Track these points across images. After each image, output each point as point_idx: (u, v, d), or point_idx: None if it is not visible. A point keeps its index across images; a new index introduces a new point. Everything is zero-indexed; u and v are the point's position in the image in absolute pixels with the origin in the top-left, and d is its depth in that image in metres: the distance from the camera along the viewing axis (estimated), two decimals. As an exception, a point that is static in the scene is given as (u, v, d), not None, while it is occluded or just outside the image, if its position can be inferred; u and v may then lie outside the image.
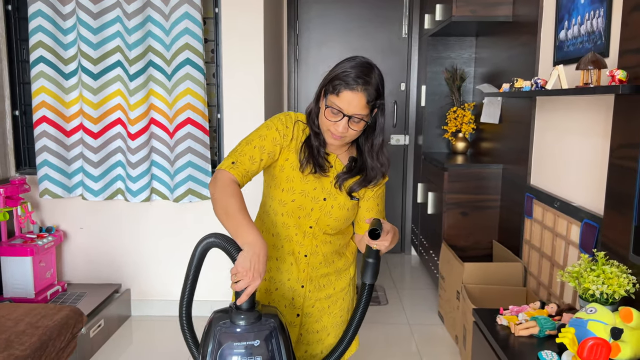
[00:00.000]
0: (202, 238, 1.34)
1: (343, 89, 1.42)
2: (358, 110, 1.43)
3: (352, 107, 1.42)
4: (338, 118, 1.43)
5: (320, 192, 1.55)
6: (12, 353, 1.92)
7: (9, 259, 2.85)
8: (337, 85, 1.43)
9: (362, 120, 1.45)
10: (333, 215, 1.56)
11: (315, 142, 1.53)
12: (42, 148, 3.04)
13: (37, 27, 2.93)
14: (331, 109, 1.44)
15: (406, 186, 4.66)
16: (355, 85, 1.41)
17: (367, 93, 1.42)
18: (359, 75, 1.42)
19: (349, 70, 1.44)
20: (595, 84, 1.90)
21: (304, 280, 1.62)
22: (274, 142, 1.51)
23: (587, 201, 2.16)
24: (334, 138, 1.48)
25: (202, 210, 3.19)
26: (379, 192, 1.62)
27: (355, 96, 1.41)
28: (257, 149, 1.49)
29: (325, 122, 1.47)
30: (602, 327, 1.51)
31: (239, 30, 3.07)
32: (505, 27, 3.18)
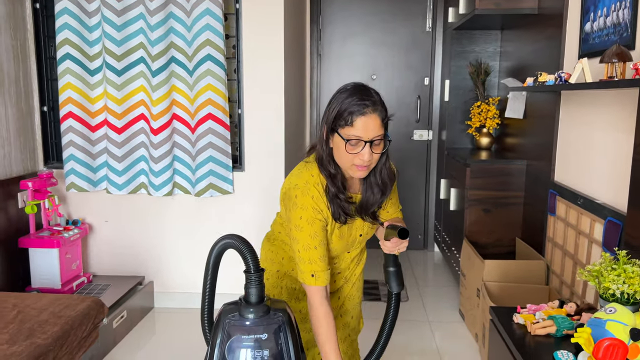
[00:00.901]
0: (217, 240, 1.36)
1: (355, 117, 1.38)
2: (376, 132, 1.40)
3: (369, 132, 1.39)
4: (359, 148, 1.40)
5: (355, 233, 1.62)
6: (34, 341, 1.98)
7: (37, 250, 2.93)
8: (347, 116, 1.39)
9: (381, 141, 1.43)
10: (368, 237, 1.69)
11: (333, 188, 1.49)
12: (69, 143, 3.12)
13: (63, 25, 3.01)
14: (350, 142, 1.39)
15: (429, 182, 4.61)
16: (365, 109, 1.38)
17: (378, 112, 1.41)
18: (362, 99, 1.39)
19: (349, 99, 1.40)
20: (620, 77, 1.84)
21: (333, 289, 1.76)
22: (323, 229, 1.50)
23: (611, 198, 2.10)
24: (360, 170, 1.44)
25: (222, 204, 3.23)
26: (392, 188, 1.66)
27: (370, 119, 1.39)
28: (319, 248, 1.48)
29: (347, 157, 1.42)
30: (621, 327, 1.47)
31: (260, 26, 3.08)
32: (530, 20, 3.10)
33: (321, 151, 1.49)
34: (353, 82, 1.47)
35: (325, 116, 1.46)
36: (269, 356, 1.24)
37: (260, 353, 1.24)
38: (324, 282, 1.48)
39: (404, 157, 4.58)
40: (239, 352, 1.24)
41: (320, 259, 1.48)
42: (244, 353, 1.24)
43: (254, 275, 1.28)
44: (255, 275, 1.28)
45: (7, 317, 2.19)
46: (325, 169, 1.49)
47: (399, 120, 4.54)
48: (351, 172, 1.46)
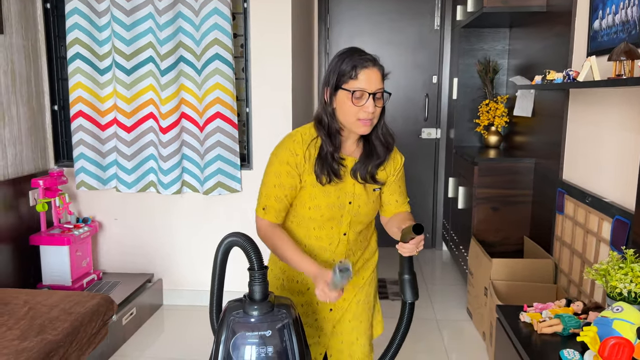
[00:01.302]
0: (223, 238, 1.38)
1: (359, 70, 1.44)
2: (378, 85, 1.46)
3: (373, 84, 1.45)
4: (364, 100, 1.45)
5: (344, 198, 1.57)
6: (45, 337, 2.01)
7: (48, 248, 2.97)
8: (351, 71, 1.45)
9: (382, 95, 1.48)
10: (362, 213, 1.61)
11: (330, 147, 1.52)
12: (79, 142, 3.15)
13: (73, 25, 3.04)
14: (354, 94, 1.45)
15: (437, 181, 4.60)
16: (367, 62, 1.45)
17: (378, 67, 1.49)
18: (363, 55, 1.47)
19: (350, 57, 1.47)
20: (628, 75, 1.83)
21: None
22: (290, 175, 1.53)
23: (619, 197, 2.09)
24: (364, 125, 1.48)
25: (231, 202, 3.25)
26: (398, 175, 1.66)
27: (372, 72, 1.46)
28: (277, 188, 1.54)
29: (353, 110, 1.46)
30: (628, 326, 1.46)
31: (268, 25, 3.09)
32: (538, 18, 3.09)
33: (322, 112, 1.53)
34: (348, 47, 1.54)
35: (326, 78, 1.51)
36: (273, 352, 1.25)
37: (265, 349, 1.25)
38: (272, 219, 1.55)
39: (412, 156, 4.57)
40: (244, 349, 1.26)
41: (275, 199, 1.54)
42: (249, 350, 1.25)
43: (258, 272, 1.29)
44: (259, 272, 1.29)
45: (19, 313, 2.22)
46: (325, 128, 1.52)
47: (407, 119, 4.54)
48: (355, 128, 1.50)
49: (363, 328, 1.74)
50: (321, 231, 1.60)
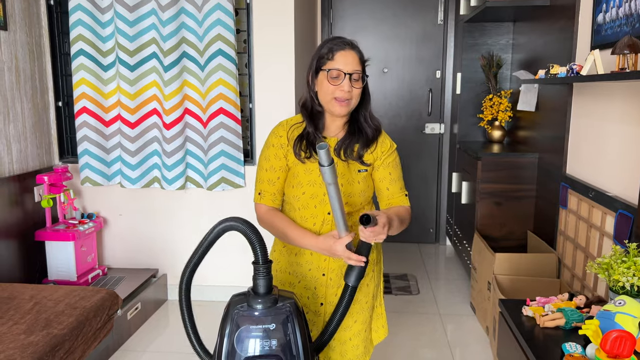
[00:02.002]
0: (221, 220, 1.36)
1: (336, 52, 1.52)
2: (354, 66, 1.51)
3: (349, 65, 1.51)
4: (340, 80, 1.51)
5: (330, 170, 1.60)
6: (50, 332, 2.03)
7: (53, 243, 2.99)
8: (328, 53, 1.53)
9: (360, 77, 1.53)
10: (345, 193, 1.60)
11: (310, 127, 1.58)
12: (83, 138, 3.17)
13: (77, 21, 3.05)
14: (331, 73, 1.51)
15: (441, 176, 4.60)
16: (345, 45, 1.53)
17: (357, 51, 1.54)
18: (342, 40, 1.55)
19: (331, 41, 1.55)
20: (632, 68, 1.83)
21: (325, 269, 1.64)
22: (277, 157, 1.61)
23: (622, 191, 2.08)
24: (340, 104, 1.53)
25: (235, 198, 3.26)
26: (388, 160, 1.64)
27: (349, 54, 1.52)
28: (269, 172, 1.61)
29: (329, 89, 1.52)
30: (630, 320, 1.46)
31: (271, 21, 3.10)
32: (542, 12, 3.08)
33: (306, 95, 1.60)
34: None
35: (309, 64, 1.59)
36: (277, 346, 1.26)
37: (269, 343, 1.26)
38: (268, 202, 1.62)
39: (415, 151, 4.57)
40: (248, 342, 1.27)
41: (268, 182, 1.61)
42: (253, 343, 1.26)
43: (262, 266, 1.30)
44: (263, 266, 1.30)
45: (25, 308, 2.24)
46: (307, 110, 1.59)
47: (411, 114, 4.53)
48: (332, 107, 1.55)
49: (357, 329, 1.70)
50: (305, 211, 1.60)
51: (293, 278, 1.68)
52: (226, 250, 3.21)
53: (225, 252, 3.24)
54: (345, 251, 1.43)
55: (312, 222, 1.60)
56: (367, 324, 1.74)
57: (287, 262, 1.69)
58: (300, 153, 1.58)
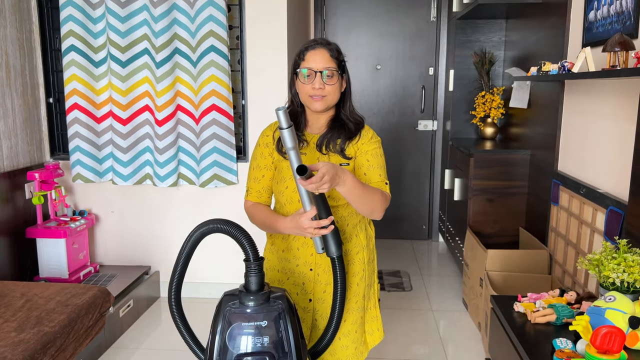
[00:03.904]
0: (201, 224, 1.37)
1: (306, 52, 1.57)
2: (325, 63, 1.55)
3: (318, 63, 1.55)
4: (312, 78, 1.55)
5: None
6: (41, 329, 2.02)
7: (44, 240, 2.97)
8: (301, 54, 1.58)
9: (333, 73, 1.56)
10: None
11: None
12: (74, 134, 3.15)
13: (68, 17, 3.02)
14: (303, 75, 1.56)
15: (434, 172, 4.61)
16: (314, 44, 1.58)
17: (327, 48, 1.57)
18: (316, 40, 1.61)
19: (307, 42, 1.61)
20: (622, 66, 1.84)
21: (312, 264, 1.64)
22: (263, 156, 1.67)
23: (613, 188, 2.10)
24: (315, 100, 1.57)
25: (227, 195, 3.25)
26: (366, 148, 1.62)
27: (318, 52, 1.56)
28: (255, 170, 1.68)
29: (304, 89, 1.57)
30: (620, 315, 1.47)
31: (263, 17, 3.08)
32: (534, 9, 3.09)
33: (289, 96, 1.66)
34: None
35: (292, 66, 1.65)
36: (269, 343, 1.26)
37: (261, 340, 1.26)
38: (254, 198, 1.68)
39: (408, 148, 4.58)
40: (240, 339, 1.26)
41: (254, 179, 1.68)
42: (245, 340, 1.26)
43: (254, 263, 1.30)
44: (254, 263, 1.30)
45: (16, 305, 2.23)
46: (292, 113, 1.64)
47: (404, 111, 4.54)
48: (309, 105, 1.60)
49: (347, 329, 1.68)
50: (290, 205, 1.60)
51: (282, 275, 1.68)
52: (219, 247, 3.21)
53: (218, 250, 3.24)
54: (311, 222, 1.42)
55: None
56: (357, 324, 1.70)
57: (276, 260, 1.70)
58: (282, 148, 1.61)
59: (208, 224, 1.33)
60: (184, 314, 1.44)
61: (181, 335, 1.44)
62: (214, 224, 1.33)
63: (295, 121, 1.63)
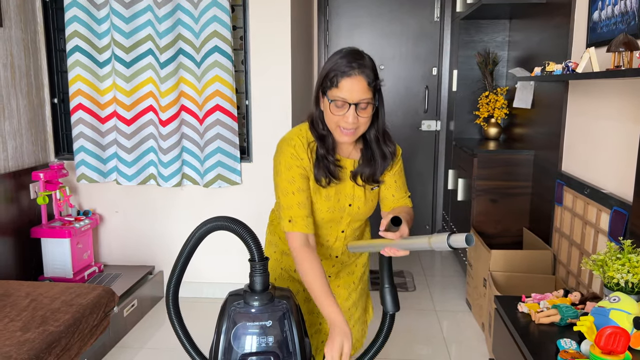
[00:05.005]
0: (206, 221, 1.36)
1: (340, 78, 1.38)
2: (361, 95, 1.38)
3: (355, 94, 1.37)
4: (344, 110, 1.39)
5: (344, 200, 1.56)
6: (46, 329, 2.03)
7: (49, 240, 2.98)
8: (333, 77, 1.39)
9: (368, 104, 1.41)
10: (361, 213, 1.60)
11: (322, 149, 1.48)
12: (79, 135, 3.16)
13: (72, 17, 3.03)
14: (335, 103, 1.39)
15: (437, 173, 4.61)
16: (350, 70, 1.37)
17: (365, 75, 1.38)
18: (350, 61, 1.39)
19: (340, 60, 1.40)
20: (627, 66, 1.83)
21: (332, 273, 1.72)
22: (303, 176, 1.49)
23: (617, 188, 2.09)
24: (345, 134, 1.42)
25: (231, 195, 3.26)
26: (395, 169, 1.61)
27: (355, 81, 1.37)
28: (297, 194, 1.47)
29: (333, 118, 1.41)
30: (625, 316, 1.48)
31: (267, 17, 3.09)
32: (538, 9, 3.08)
33: (314, 112, 1.50)
34: (349, 47, 1.46)
35: (318, 77, 1.47)
36: (273, 342, 1.26)
37: (265, 339, 1.26)
38: (302, 229, 1.45)
39: (412, 148, 4.57)
40: (244, 339, 1.27)
41: (298, 206, 1.46)
42: (249, 340, 1.27)
43: (259, 263, 1.30)
44: (259, 263, 1.30)
45: (21, 305, 2.24)
46: (315, 130, 1.49)
47: (407, 111, 4.54)
48: (337, 135, 1.45)
49: (358, 314, 1.78)
50: (320, 230, 1.60)
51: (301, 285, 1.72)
52: (223, 247, 3.21)
53: (222, 250, 3.25)
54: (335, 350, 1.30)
55: (325, 239, 1.62)
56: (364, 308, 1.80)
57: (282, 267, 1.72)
58: (321, 179, 1.49)
59: (213, 221, 1.33)
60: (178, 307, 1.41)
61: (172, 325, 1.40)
62: (219, 221, 1.32)
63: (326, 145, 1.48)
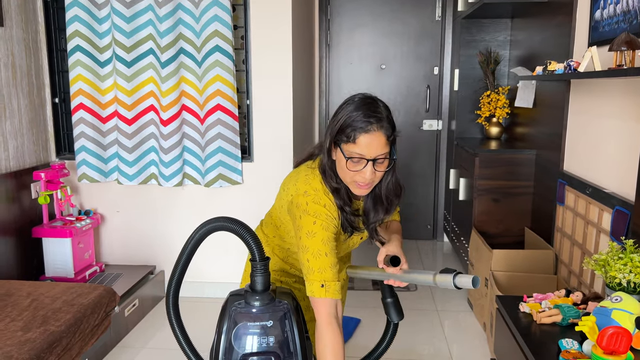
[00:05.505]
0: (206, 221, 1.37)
1: (358, 135, 1.31)
2: (380, 150, 1.33)
3: (373, 150, 1.32)
4: (361, 166, 1.34)
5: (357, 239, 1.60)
6: (47, 328, 2.03)
7: (50, 240, 2.98)
8: (350, 132, 1.32)
9: (385, 159, 1.36)
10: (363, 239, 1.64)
11: (339, 201, 1.42)
12: (80, 134, 3.16)
13: (73, 17, 3.03)
14: (351, 160, 1.34)
15: (439, 172, 4.60)
16: (369, 126, 1.31)
17: (384, 130, 1.33)
18: (368, 115, 1.32)
19: (355, 113, 1.33)
20: (629, 65, 1.83)
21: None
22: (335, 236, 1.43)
23: (619, 187, 2.09)
24: (361, 188, 1.39)
25: (232, 194, 3.26)
26: None
27: (374, 137, 1.32)
28: (330, 255, 1.37)
29: (349, 174, 1.36)
30: (627, 316, 1.47)
31: (268, 17, 3.09)
32: (540, 8, 3.07)
33: (324, 162, 1.43)
34: (362, 94, 1.40)
35: (330, 127, 1.40)
36: (274, 342, 1.26)
37: (266, 339, 1.26)
38: (335, 295, 1.35)
39: (413, 147, 4.57)
40: (245, 339, 1.27)
41: (331, 268, 1.36)
42: (250, 340, 1.27)
43: (260, 263, 1.30)
44: (260, 263, 1.30)
45: (22, 305, 2.24)
46: (328, 182, 1.43)
47: (409, 110, 4.53)
48: (352, 189, 1.41)
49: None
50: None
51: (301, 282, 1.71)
52: (225, 247, 3.21)
53: (223, 249, 3.25)
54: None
55: None
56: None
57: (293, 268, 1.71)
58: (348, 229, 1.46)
59: (213, 222, 1.33)
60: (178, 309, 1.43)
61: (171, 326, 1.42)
62: (219, 221, 1.32)
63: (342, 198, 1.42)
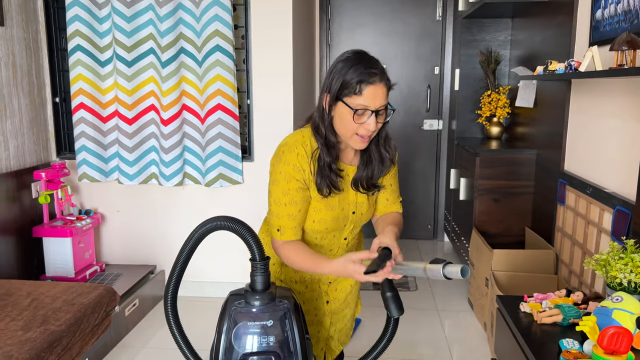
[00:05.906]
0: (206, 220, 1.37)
1: (364, 86, 1.35)
2: (383, 101, 1.38)
3: (377, 101, 1.37)
4: (366, 117, 1.37)
5: (347, 208, 1.55)
6: (48, 328, 2.03)
7: (51, 239, 2.98)
8: (355, 85, 1.35)
9: (384, 110, 1.41)
10: (364, 219, 1.61)
11: (328, 157, 1.45)
12: (80, 134, 3.16)
13: (74, 17, 3.03)
14: (357, 112, 1.37)
15: (439, 172, 4.60)
16: (372, 77, 1.35)
17: (385, 81, 1.38)
18: (368, 67, 1.36)
19: (355, 67, 1.37)
20: (630, 65, 1.82)
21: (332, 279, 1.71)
22: (301, 189, 1.46)
23: (620, 187, 2.09)
24: (362, 141, 1.41)
25: (232, 194, 3.26)
26: (392, 172, 1.62)
27: (378, 88, 1.36)
28: (288, 206, 1.45)
29: (352, 126, 1.39)
30: (627, 316, 1.47)
31: (268, 16, 3.09)
32: (541, 8, 3.07)
33: (319, 120, 1.46)
34: (352, 50, 1.43)
35: (326, 84, 1.42)
36: (274, 342, 1.26)
37: (266, 339, 1.26)
38: (290, 237, 1.48)
39: (414, 147, 4.57)
40: (245, 339, 1.27)
41: (288, 217, 1.46)
42: (250, 339, 1.26)
43: (260, 263, 1.30)
44: (260, 263, 1.30)
45: (22, 304, 2.24)
46: (322, 138, 1.45)
47: (409, 110, 4.53)
48: (352, 143, 1.43)
49: (350, 313, 1.81)
50: (323, 240, 1.59)
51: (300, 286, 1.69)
52: (225, 246, 3.21)
53: (223, 249, 3.24)
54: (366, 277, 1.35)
55: (328, 249, 1.62)
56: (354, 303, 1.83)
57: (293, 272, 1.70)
58: (323, 189, 1.46)
59: (213, 221, 1.33)
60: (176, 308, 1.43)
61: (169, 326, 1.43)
62: (219, 221, 1.32)
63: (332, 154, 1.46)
